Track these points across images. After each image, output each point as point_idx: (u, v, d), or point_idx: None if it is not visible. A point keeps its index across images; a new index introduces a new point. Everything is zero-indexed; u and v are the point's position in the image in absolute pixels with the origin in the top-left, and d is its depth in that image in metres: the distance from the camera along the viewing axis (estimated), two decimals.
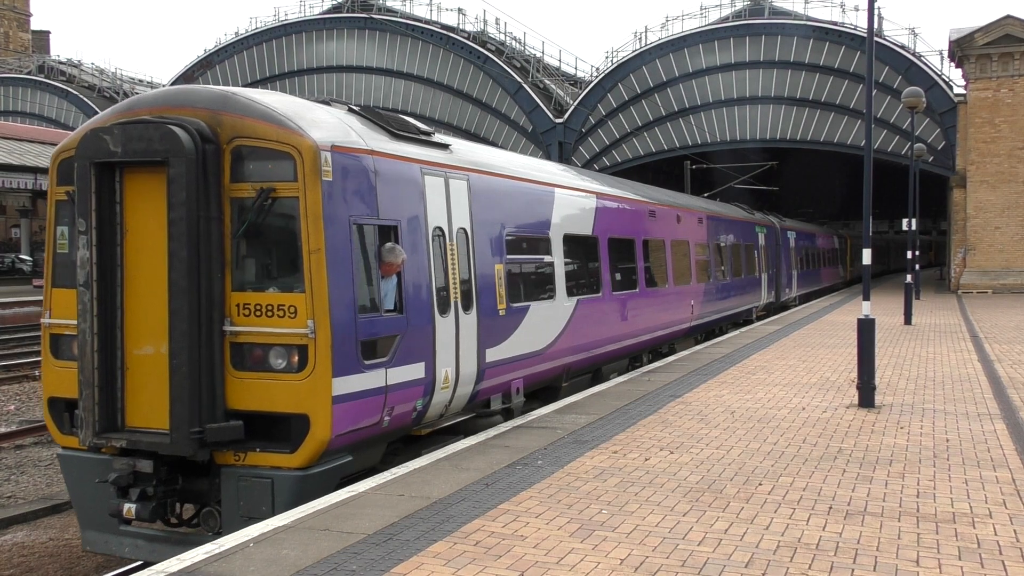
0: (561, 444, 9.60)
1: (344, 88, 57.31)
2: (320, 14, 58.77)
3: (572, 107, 51.65)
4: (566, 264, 13.00)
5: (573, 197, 13.75)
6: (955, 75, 43.86)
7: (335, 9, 58.27)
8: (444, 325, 9.52)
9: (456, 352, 9.76)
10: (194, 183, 7.65)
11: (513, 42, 55.97)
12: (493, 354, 10.59)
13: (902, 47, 44.45)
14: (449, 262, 9.75)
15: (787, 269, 33.03)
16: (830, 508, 7.20)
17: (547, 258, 12.50)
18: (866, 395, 11.86)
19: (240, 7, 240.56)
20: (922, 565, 5.92)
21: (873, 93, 12.92)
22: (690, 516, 6.99)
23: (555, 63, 59.57)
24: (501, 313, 10.82)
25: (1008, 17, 40.63)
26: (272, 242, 8.20)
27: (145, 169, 7.89)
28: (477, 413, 10.81)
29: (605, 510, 7.16)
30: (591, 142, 51.25)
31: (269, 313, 7.87)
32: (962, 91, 42.49)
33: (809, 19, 47.32)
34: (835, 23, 46.62)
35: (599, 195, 14.93)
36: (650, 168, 51.71)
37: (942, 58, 44.87)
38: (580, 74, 58.63)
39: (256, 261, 8.24)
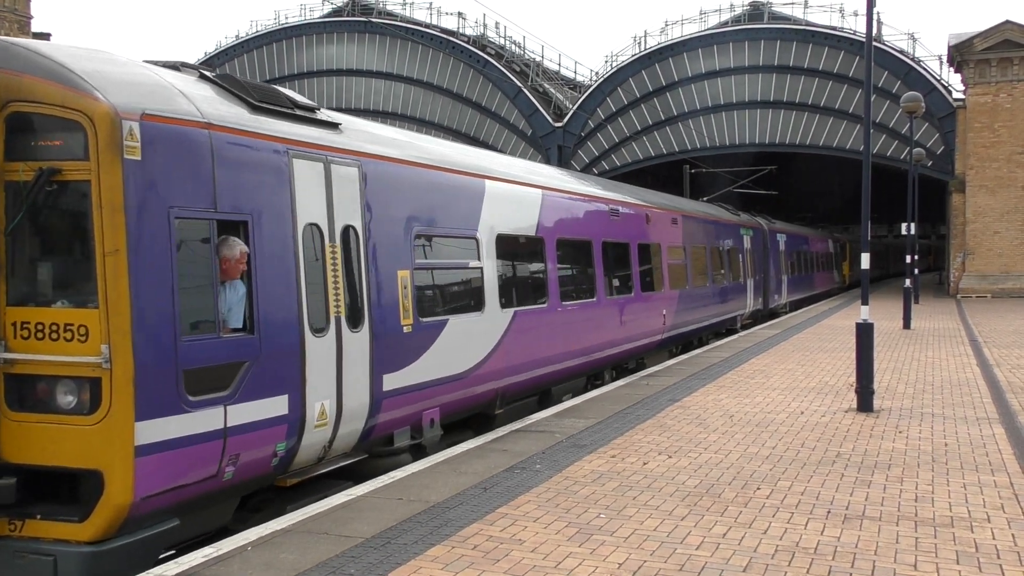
0: (559, 448, 9.60)
1: (344, 91, 57.40)
2: (320, 17, 58.89)
3: (571, 111, 51.73)
4: (500, 270, 11.18)
5: (510, 191, 11.86)
6: (954, 80, 43.97)
7: (335, 13, 58.40)
8: (319, 347, 7.73)
9: (338, 380, 8.00)
10: None
11: (513, 46, 56.14)
12: (395, 380, 8.83)
13: (901, 52, 44.54)
14: (329, 268, 7.97)
15: (776, 274, 31.16)
16: (828, 512, 7.20)
17: (473, 263, 10.68)
18: (865, 399, 11.85)
19: (240, 11, 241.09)
20: (920, 569, 5.92)
21: (872, 98, 12.94)
22: (688, 520, 6.99)
23: (555, 67, 59.68)
24: (406, 330, 9.03)
25: (1007, 22, 40.70)
26: (60, 241, 6.50)
27: None
28: (374, 452, 9.00)
29: (603, 514, 7.16)
30: (590, 146, 51.32)
31: (55, 335, 6.12)
32: (961, 96, 42.57)
33: (808, 24, 47.44)
34: (834, 28, 46.75)
35: (546, 189, 13.09)
36: (649, 172, 51.79)
37: (941, 63, 45.00)
38: (580, 78, 58.78)
39: (40, 266, 6.45)
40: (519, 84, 52.43)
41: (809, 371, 15.84)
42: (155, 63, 7.45)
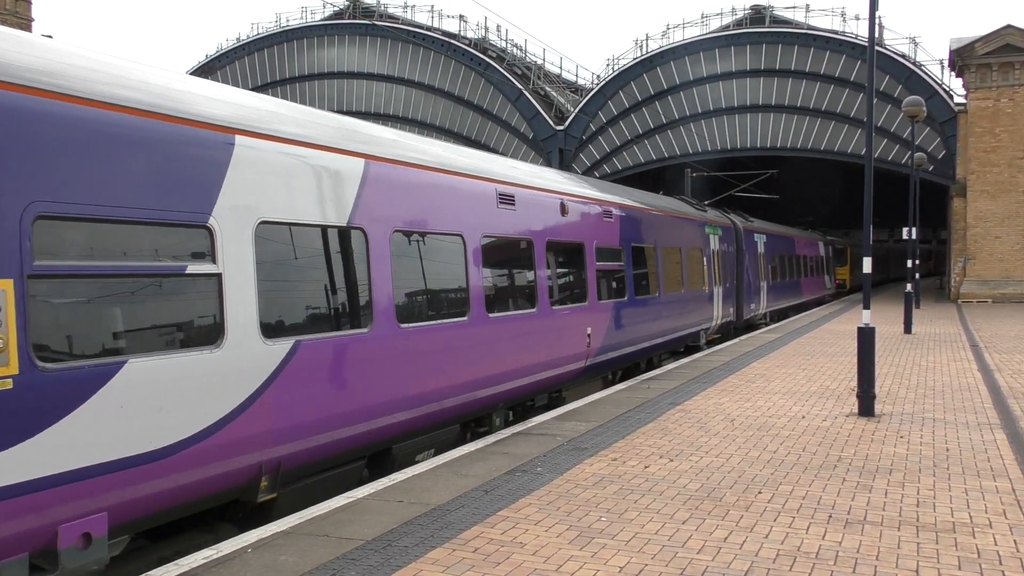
0: (560, 451, 9.59)
1: (345, 94, 57.46)
2: (321, 20, 59.00)
3: (573, 114, 51.79)
4: (265, 279, 7.34)
5: (296, 157, 7.86)
6: (955, 84, 44.14)
7: (336, 15, 58.51)
8: None
9: None
10: None
11: (514, 49, 56.22)
12: None
13: (903, 56, 44.60)
14: None
15: (753, 280, 27.73)
16: (829, 517, 7.19)
17: (198, 267, 6.71)
18: (866, 404, 11.84)
19: (241, 13, 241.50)
20: (922, 575, 5.90)
21: (874, 102, 12.92)
22: (689, 524, 6.98)
23: (556, 70, 59.87)
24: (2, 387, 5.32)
25: (1008, 27, 40.74)
26: None
27: None
28: None
29: (604, 517, 7.15)
30: (592, 149, 51.37)
31: None
32: (962, 100, 42.61)
33: (810, 28, 47.51)
34: (836, 32, 46.82)
35: (375, 160, 8.96)
36: (651, 176, 51.87)
37: (942, 67, 45.07)
38: (581, 81, 58.91)
39: None
40: (520, 87, 52.52)
41: (810, 375, 15.83)
42: None
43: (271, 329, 7.41)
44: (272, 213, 7.53)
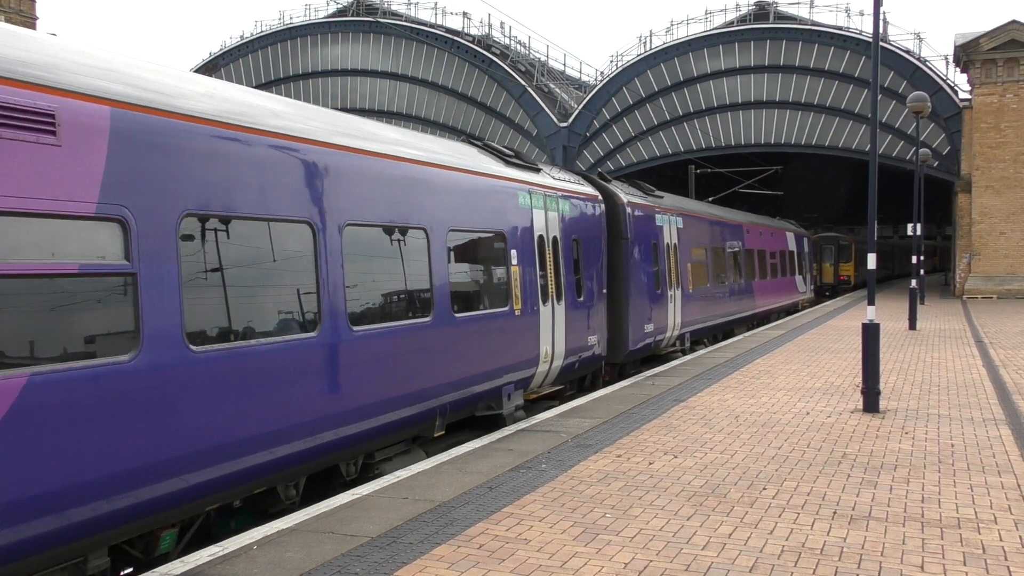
0: (565, 448, 9.60)
1: (349, 92, 57.49)
2: (325, 18, 59.01)
3: (576, 111, 51.75)
4: None
5: None
6: (960, 80, 43.92)
7: (340, 13, 58.52)
8: None
9: None
10: None
11: (518, 46, 56.20)
12: None
13: (907, 52, 44.50)
14: None
15: (649, 287, 17.56)
16: (834, 513, 7.19)
17: None
18: (871, 400, 11.83)
19: (245, 11, 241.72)
20: (927, 571, 5.90)
21: (878, 98, 12.90)
22: (694, 520, 6.98)
23: (560, 67, 59.75)
24: None
25: (1014, 22, 40.63)
26: None
27: None
28: None
29: (609, 514, 7.16)
30: (595, 146, 51.33)
31: None
32: (967, 96, 42.52)
33: (814, 24, 47.41)
34: (840, 28, 46.72)
35: None
36: (655, 172, 51.81)
37: (947, 63, 44.97)
38: (585, 78, 58.83)
39: None
40: (524, 84, 52.48)
41: (815, 372, 15.81)
42: None
43: None
44: None
